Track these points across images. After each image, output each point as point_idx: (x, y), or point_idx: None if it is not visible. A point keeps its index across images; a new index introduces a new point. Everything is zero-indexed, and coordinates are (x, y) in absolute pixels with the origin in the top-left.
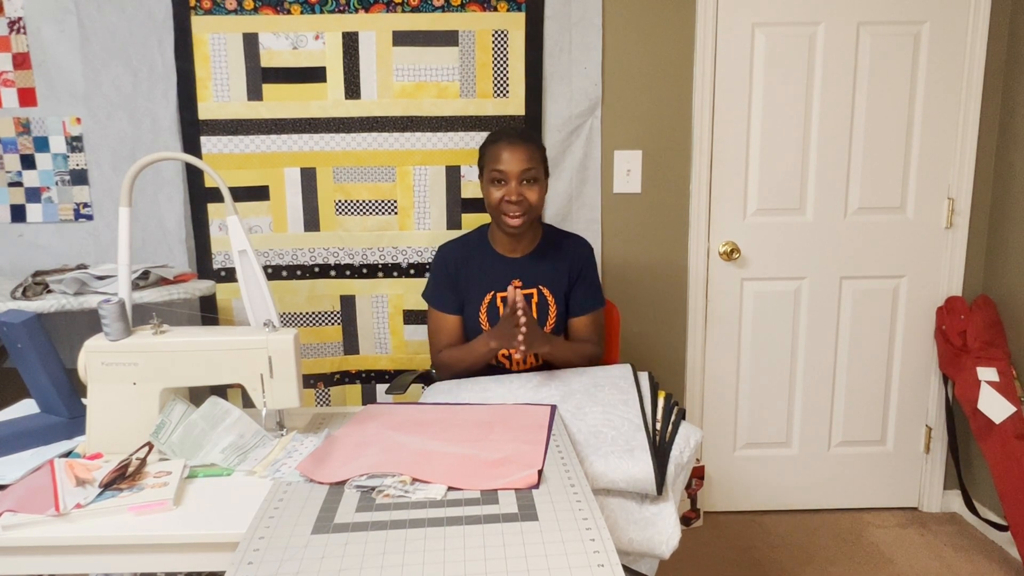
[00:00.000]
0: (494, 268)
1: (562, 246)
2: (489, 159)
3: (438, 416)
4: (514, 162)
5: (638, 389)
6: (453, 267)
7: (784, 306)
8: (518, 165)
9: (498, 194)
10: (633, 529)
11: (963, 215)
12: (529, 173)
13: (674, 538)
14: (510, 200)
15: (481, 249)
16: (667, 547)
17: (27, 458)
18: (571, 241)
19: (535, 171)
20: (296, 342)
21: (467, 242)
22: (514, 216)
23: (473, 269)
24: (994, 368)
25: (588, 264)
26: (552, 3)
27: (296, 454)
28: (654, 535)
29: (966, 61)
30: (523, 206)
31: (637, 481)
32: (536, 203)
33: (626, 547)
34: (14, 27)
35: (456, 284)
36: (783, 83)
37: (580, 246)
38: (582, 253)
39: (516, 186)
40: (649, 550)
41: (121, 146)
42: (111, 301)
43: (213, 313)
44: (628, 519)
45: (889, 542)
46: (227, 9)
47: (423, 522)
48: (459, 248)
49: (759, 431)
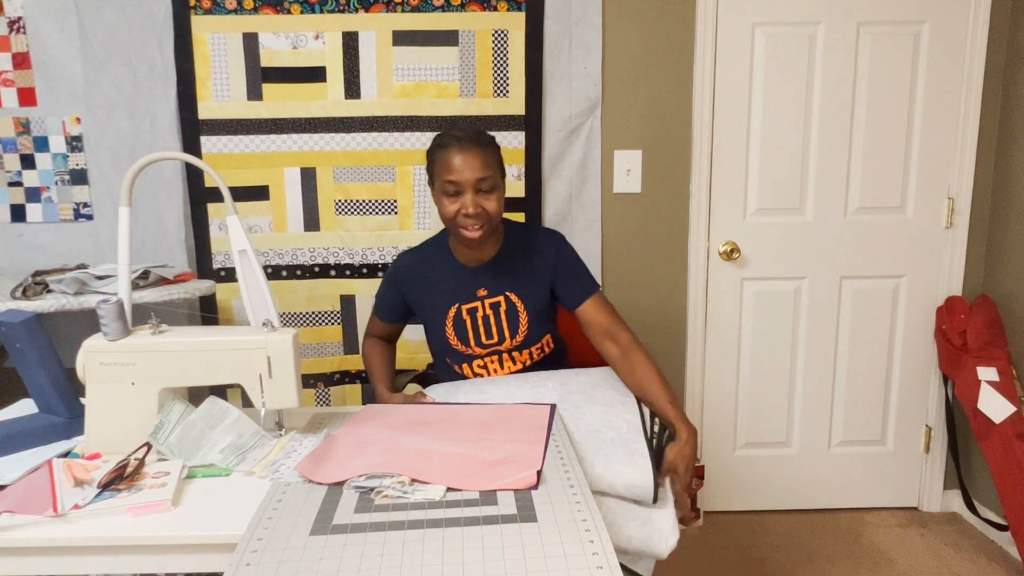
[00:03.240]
0: (455, 280)
1: (528, 246)
2: (439, 168)
3: (437, 416)
4: (467, 170)
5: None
6: (405, 282)
7: (784, 306)
8: (472, 174)
9: (453, 207)
10: (632, 526)
11: (963, 215)
12: (485, 183)
13: (672, 537)
14: (467, 214)
15: (440, 259)
16: (666, 546)
17: (26, 458)
18: (536, 239)
19: (492, 178)
20: (295, 342)
21: (425, 252)
22: (473, 229)
23: (432, 281)
24: (994, 368)
25: (561, 255)
26: (552, 3)
27: (295, 454)
28: (652, 532)
29: (966, 61)
30: (481, 218)
31: (637, 488)
32: (495, 212)
33: (625, 545)
34: (14, 27)
35: (405, 298)
36: (783, 83)
37: (547, 241)
38: (550, 248)
39: (472, 197)
40: (648, 548)
41: (121, 146)
42: (110, 301)
43: (213, 313)
44: (627, 516)
45: (889, 542)
46: (227, 9)
47: (422, 523)
48: (415, 259)
49: (759, 431)
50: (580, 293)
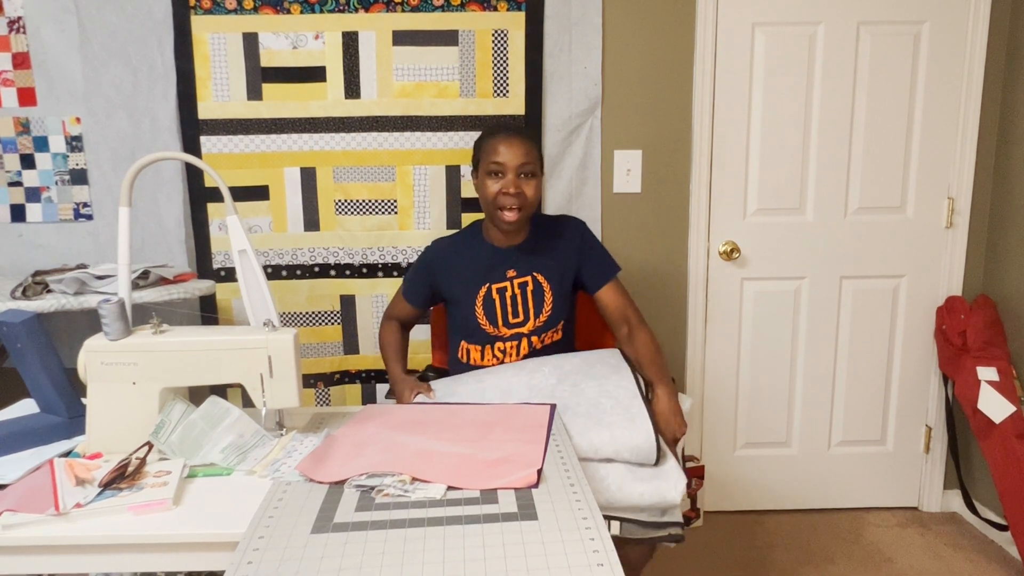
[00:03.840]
0: (487, 259)
1: (554, 231)
2: (486, 152)
3: (438, 416)
4: (512, 155)
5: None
6: (438, 262)
7: (784, 306)
8: (516, 159)
9: (495, 187)
10: (641, 484)
11: (963, 215)
12: (527, 167)
13: (681, 482)
14: (507, 192)
15: (473, 243)
16: (676, 491)
17: (27, 458)
18: (562, 223)
19: (532, 166)
20: (296, 342)
21: (459, 238)
22: (511, 210)
23: (464, 264)
24: (994, 368)
25: (585, 239)
26: (552, 3)
27: (296, 454)
28: (661, 484)
29: (966, 61)
30: (520, 199)
31: (640, 450)
32: (532, 198)
33: (638, 501)
34: (14, 27)
35: (434, 280)
36: (783, 83)
37: (572, 226)
38: (576, 232)
39: (514, 179)
40: (660, 498)
41: (121, 146)
42: (111, 301)
43: (213, 313)
44: (634, 476)
45: (889, 542)
46: (227, 9)
47: (422, 521)
48: (449, 244)
49: (759, 431)
50: (602, 277)
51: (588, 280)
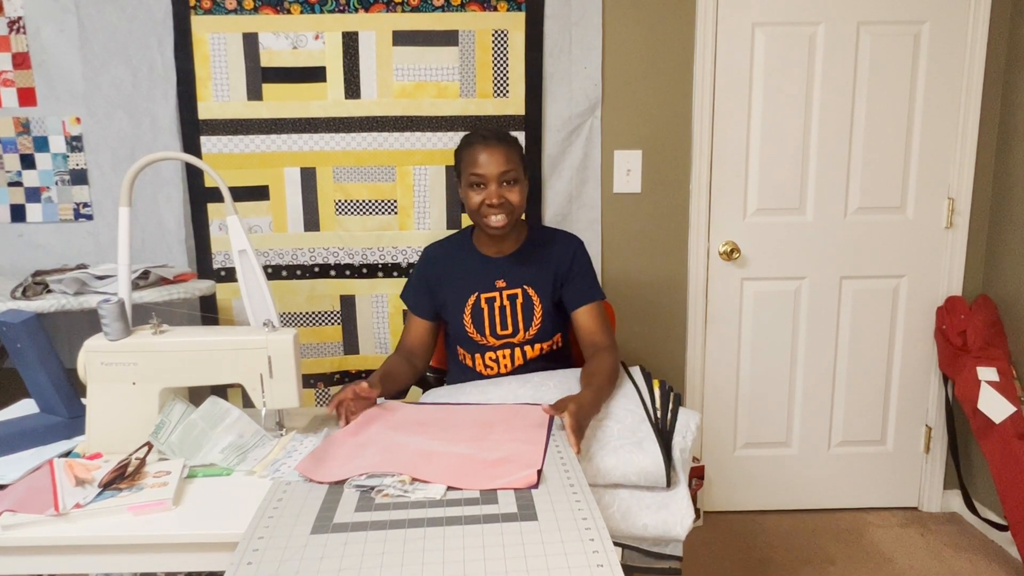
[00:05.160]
0: (477, 269)
1: (548, 245)
2: (466, 163)
3: (438, 416)
4: (492, 165)
5: (632, 381)
6: (432, 270)
7: (784, 306)
8: (496, 167)
9: (478, 198)
10: (646, 514)
11: (963, 215)
12: (508, 175)
13: (688, 518)
14: (491, 204)
15: (464, 250)
16: (682, 528)
17: (27, 458)
18: (557, 239)
19: (514, 171)
20: (296, 342)
21: (451, 243)
22: (496, 219)
23: (455, 270)
24: (994, 368)
25: (576, 259)
26: (552, 3)
27: (296, 454)
28: (668, 517)
29: (966, 61)
30: (505, 208)
31: (648, 474)
32: (518, 204)
33: (641, 532)
34: (14, 27)
35: (432, 288)
36: (783, 83)
37: (566, 244)
38: (568, 250)
39: (496, 189)
40: (664, 532)
41: (121, 146)
42: (111, 301)
43: (213, 313)
44: (640, 505)
45: (889, 542)
46: (227, 9)
47: (422, 522)
48: (442, 249)
49: (759, 431)
50: (582, 297)
51: (568, 298)
